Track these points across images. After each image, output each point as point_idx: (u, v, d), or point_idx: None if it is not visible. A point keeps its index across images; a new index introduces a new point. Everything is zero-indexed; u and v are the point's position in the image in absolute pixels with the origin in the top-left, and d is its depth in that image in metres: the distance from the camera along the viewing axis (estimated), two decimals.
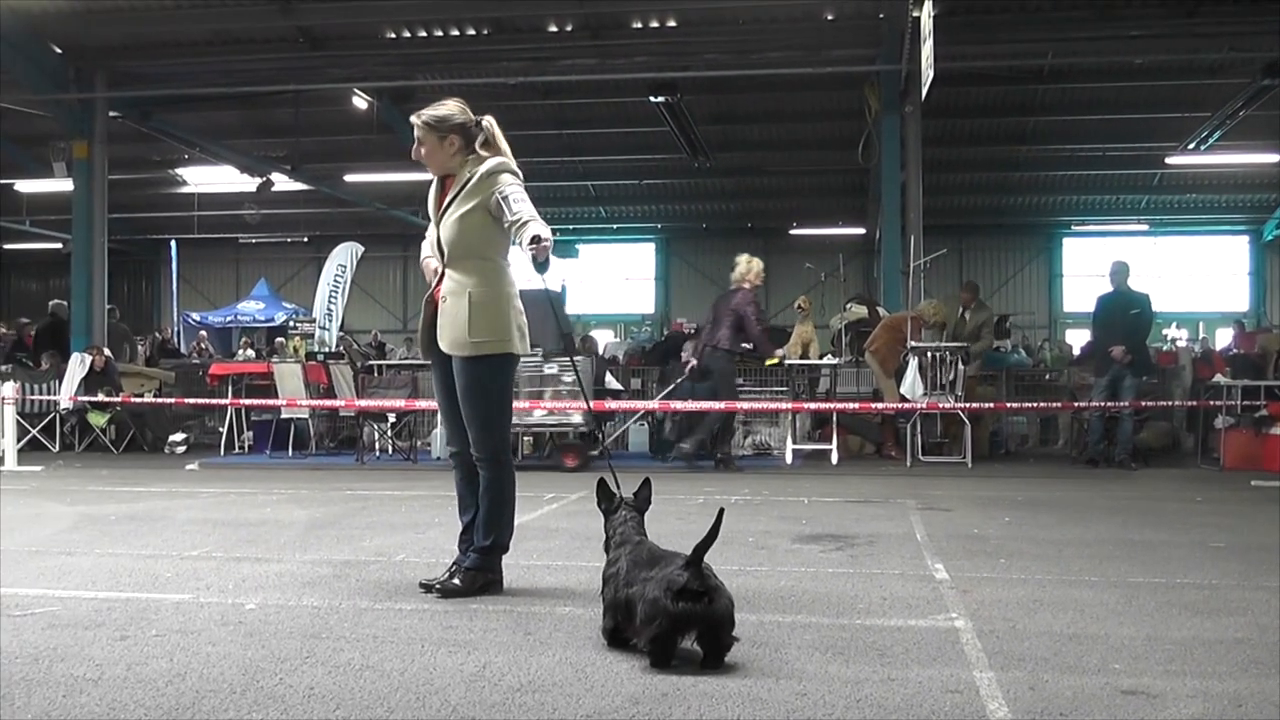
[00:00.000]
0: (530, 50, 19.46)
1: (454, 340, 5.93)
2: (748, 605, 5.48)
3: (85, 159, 20.31)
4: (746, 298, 13.43)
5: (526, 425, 13.67)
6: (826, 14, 18.15)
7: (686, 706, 3.85)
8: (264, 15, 18.51)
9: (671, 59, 19.33)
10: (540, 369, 13.49)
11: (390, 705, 3.89)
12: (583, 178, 30.09)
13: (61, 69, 19.82)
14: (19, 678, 4.29)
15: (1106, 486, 11.72)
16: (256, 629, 5.07)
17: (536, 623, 5.15)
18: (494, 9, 18.29)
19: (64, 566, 6.85)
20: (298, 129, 25.13)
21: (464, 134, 6.03)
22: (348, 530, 8.45)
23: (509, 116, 21.46)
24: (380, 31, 19.28)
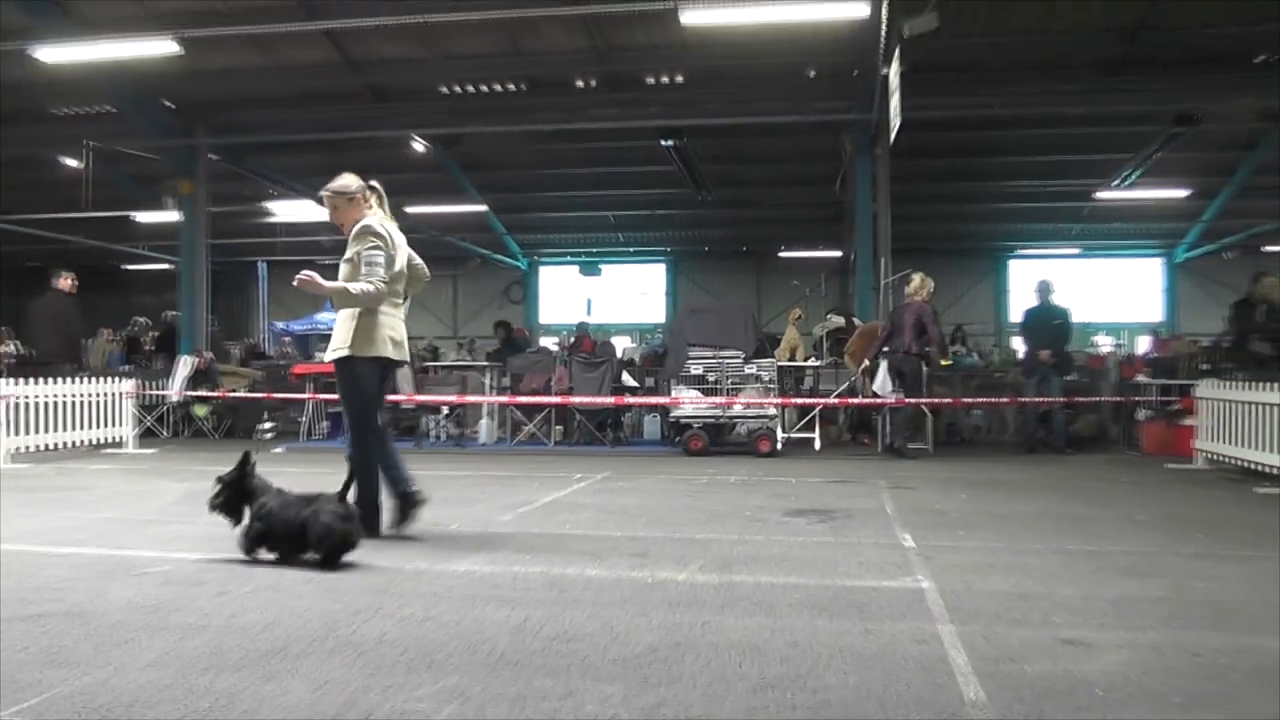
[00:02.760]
0: (560, 102, 19.49)
1: (332, 349, 6.77)
2: (746, 569, 5.50)
3: (190, 195, 20.36)
4: (925, 308, 13.30)
5: (729, 418, 13.63)
6: (809, 71, 18.19)
7: (696, 655, 3.87)
8: (339, 75, 18.57)
9: (679, 109, 19.33)
10: (740, 369, 13.44)
11: (448, 651, 3.91)
12: (604, 208, 30.05)
13: (171, 120, 19.86)
14: (141, 625, 4.34)
15: (1045, 469, 11.66)
16: (333, 586, 5.09)
17: (569, 583, 5.15)
18: (530, 69, 18.34)
19: (174, 533, 6.89)
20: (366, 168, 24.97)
21: (362, 197, 6.96)
22: None
23: (542, 158, 21.82)
24: (435, 88, 19.33)
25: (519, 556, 5.86)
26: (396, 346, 6.82)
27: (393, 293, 6.82)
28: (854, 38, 15.33)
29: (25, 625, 4.33)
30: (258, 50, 17.46)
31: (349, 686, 3.49)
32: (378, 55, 17.94)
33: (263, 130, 20.74)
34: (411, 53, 17.64)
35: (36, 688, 3.49)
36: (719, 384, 13.47)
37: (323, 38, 16.92)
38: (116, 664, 3.77)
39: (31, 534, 6.85)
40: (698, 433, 13.36)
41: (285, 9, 15.82)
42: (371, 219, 6.82)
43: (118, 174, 24.19)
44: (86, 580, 5.29)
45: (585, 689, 3.46)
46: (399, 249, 6.92)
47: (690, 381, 13.57)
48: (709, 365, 13.54)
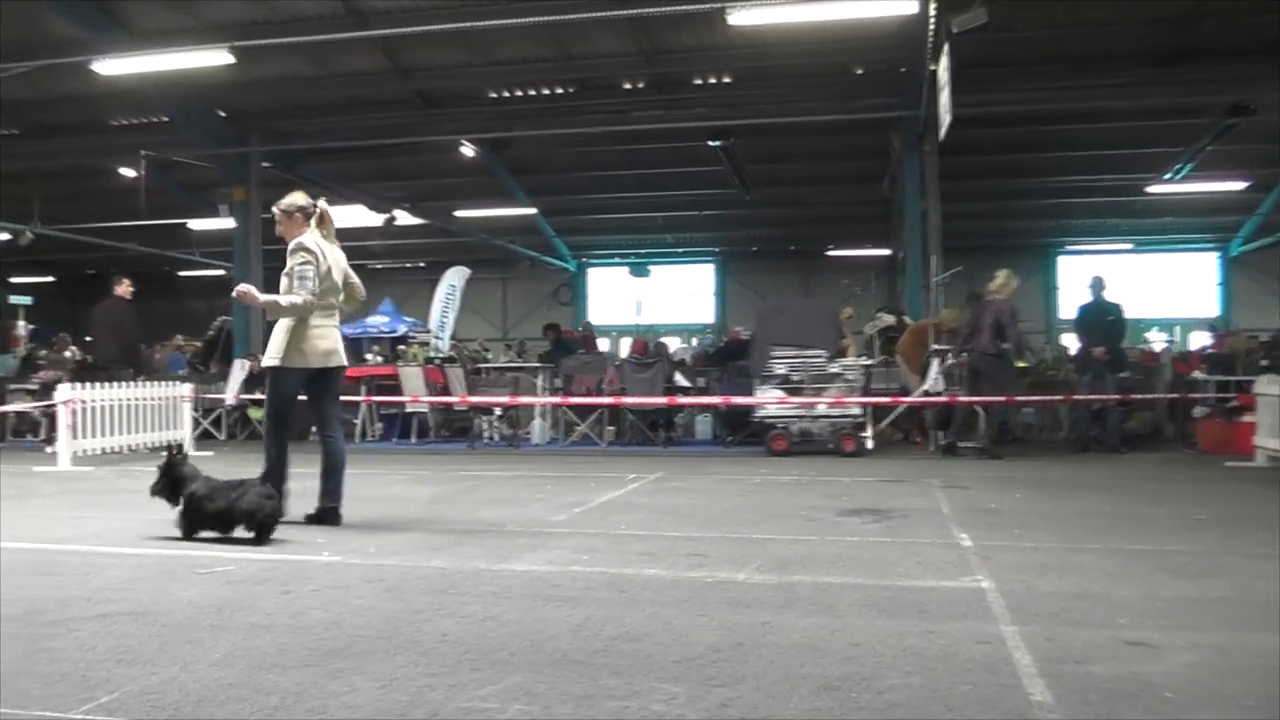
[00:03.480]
0: (608, 105, 19.51)
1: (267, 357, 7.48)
2: (804, 569, 5.45)
3: (244, 201, 20.57)
4: (1005, 307, 13.10)
5: (814, 417, 13.39)
6: (856, 69, 18.11)
7: (759, 655, 3.83)
8: (388, 81, 18.71)
9: (726, 109, 19.29)
10: (824, 368, 13.33)
11: (511, 650, 3.90)
12: (652, 209, 30.01)
13: (224, 129, 20.08)
14: (206, 624, 4.38)
15: (1100, 468, 11.51)
16: (395, 585, 5.10)
17: (628, 583, 5.14)
18: (577, 72, 18.36)
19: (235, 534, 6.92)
20: (415, 173, 25.36)
21: (303, 215, 7.51)
22: (464, 505, 8.51)
23: (590, 160, 21.85)
24: (483, 92, 19.41)
25: (577, 556, 5.85)
26: (327, 355, 7.47)
27: (325, 305, 7.43)
28: (901, 34, 15.22)
29: (93, 625, 4.38)
30: (308, 59, 17.59)
31: (414, 684, 3.49)
32: (427, 62, 18.04)
33: (313, 137, 20.92)
34: (460, 58, 17.72)
35: (107, 686, 3.53)
36: (803, 383, 13.32)
37: (373, 46, 17.03)
38: (183, 662, 3.80)
39: (95, 535, 6.95)
40: (781, 432, 13.20)
41: (336, 18, 15.96)
42: (306, 237, 7.39)
43: (171, 182, 24.50)
44: (150, 580, 5.35)
45: (650, 688, 3.44)
46: (334, 265, 7.49)
47: (773, 381, 13.44)
48: (793, 364, 13.39)
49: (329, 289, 7.43)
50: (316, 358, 7.38)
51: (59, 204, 26.52)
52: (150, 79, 16.40)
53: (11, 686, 3.55)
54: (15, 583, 5.33)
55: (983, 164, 23.71)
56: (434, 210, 27.27)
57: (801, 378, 13.35)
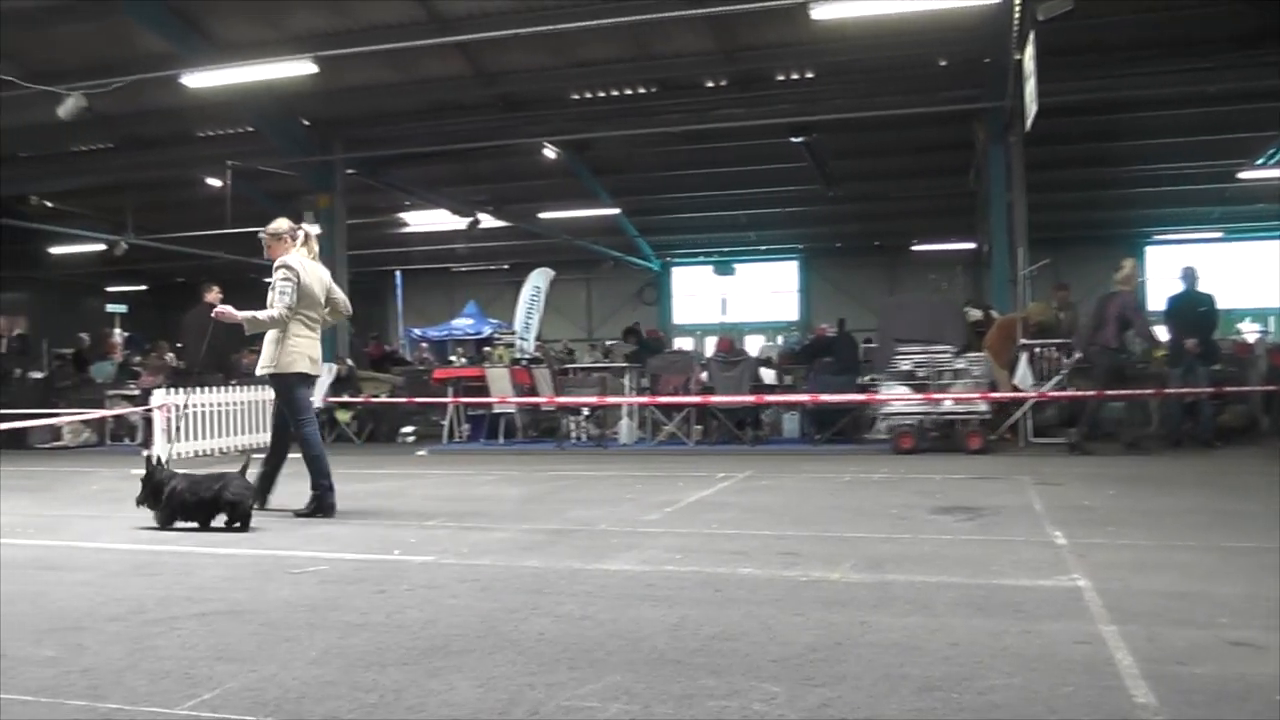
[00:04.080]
0: (689, 104, 19.43)
1: (260, 366, 8.07)
2: (898, 568, 5.37)
3: (328, 208, 20.79)
4: (1131, 299, 12.88)
5: (939, 414, 13.09)
6: (940, 60, 17.84)
7: (857, 655, 3.78)
8: (471, 86, 18.83)
9: (808, 105, 19.10)
10: (950, 364, 13.12)
11: (608, 649, 3.89)
12: (735, 208, 29.90)
13: (308, 137, 20.35)
14: (303, 622, 4.42)
15: (1193, 463, 11.21)
16: (489, 585, 5.12)
17: (721, 582, 5.09)
18: (659, 71, 18.33)
19: (327, 534, 7.04)
20: (498, 176, 25.54)
21: (290, 237, 8.16)
22: (554, 505, 8.51)
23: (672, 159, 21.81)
24: (566, 94, 19.44)
25: (670, 556, 5.82)
26: (312, 363, 8.11)
27: (308, 319, 8.08)
28: (985, 23, 14.97)
29: (193, 623, 4.45)
30: (390, 66, 17.74)
31: (512, 683, 3.48)
32: (509, 65, 18.10)
33: (396, 143, 21.12)
34: (542, 61, 17.76)
35: (209, 683, 3.58)
36: (929, 379, 13.09)
37: (455, 51, 17.13)
38: (281, 660, 3.84)
39: (190, 536, 7.07)
40: (907, 430, 12.98)
41: (417, 25, 16.09)
42: (290, 257, 8.05)
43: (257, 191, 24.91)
44: (245, 579, 5.44)
45: (749, 688, 3.40)
46: (315, 282, 8.13)
47: (898, 377, 13.24)
48: (918, 361, 13.18)
49: (310, 303, 8.08)
50: (305, 364, 8.05)
51: (150, 214, 27.17)
52: (236, 90, 16.65)
53: (119, 683, 3.62)
54: (119, 582, 5.47)
55: (1068, 153, 23.29)
56: (517, 213, 27.45)
57: (927, 374, 13.09)
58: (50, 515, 8.17)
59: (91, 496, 9.30)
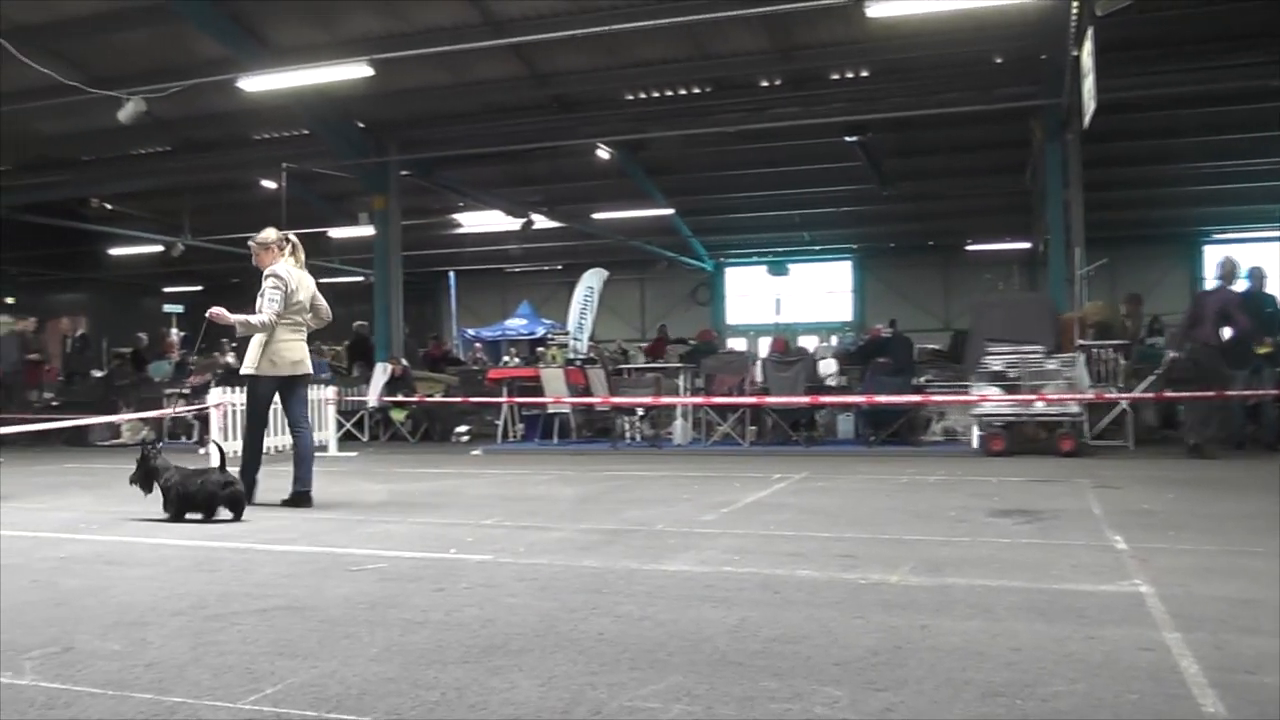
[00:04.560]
0: (744, 103, 19.42)
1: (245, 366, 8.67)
2: (957, 571, 5.31)
3: (383, 209, 20.98)
4: (1233, 296, 12.68)
5: (1031, 415, 12.83)
6: (995, 57, 17.68)
7: (918, 659, 3.73)
8: (524, 87, 18.92)
9: (863, 104, 19.04)
10: (1041, 364, 12.90)
11: (669, 650, 3.86)
12: (789, 207, 29.88)
13: (362, 139, 20.52)
14: (363, 619, 4.44)
15: (1257, 467, 10.96)
16: (547, 584, 5.11)
17: (780, 583, 5.05)
18: (714, 71, 18.32)
19: (384, 532, 7.08)
20: (552, 177, 25.65)
21: (278, 246, 8.72)
22: (610, 504, 8.50)
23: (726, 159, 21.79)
24: (620, 94, 19.49)
25: (728, 557, 5.78)
26: (295, 364, 8.62)
27: (293, 322, 8.58)
28: (1042, 19, 14.82)
29: (253, 619, 4.49)
30: (445, 68, 17.86)
31: (574, 683, 3.47)
32: (563, 66, 18.18)
33: (450, 144, 21.27)
34: (596, 62, 17.82)
35: (270, 678, 3.60)
36: (1020, 380, 12.86)
37: (509, 53, 17.22)
38: (342, 657, 3.86)
39: (248, 533, 7.14)
40: (998, 432, 12.77)
41: (472, 27, 16.19)
42: (279, 265, 8.59)
43: (311, 192, 25.18)
44: (304, 576, 5.47)
45: (811, 691, 3.36)
46: (301, 289, 8.64)
47: (989, 378, 13.04)
48: (1009, 361, 12.96)
49: (297, 309, 8.61)
50: (286, 367, 8.56)
51: (206, 216, 27.60)
52: (291, 94, 16.86)
53: (182, 677, 3.66)
54: (180, 578, 5.52)
55: (1126, 151, 23.02)
56: (571, 213, 27.57)
57: (1018, 374, 12.87)
58: (111, 511, 8.29)
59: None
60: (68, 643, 4.15)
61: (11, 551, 6.50)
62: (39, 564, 6.06)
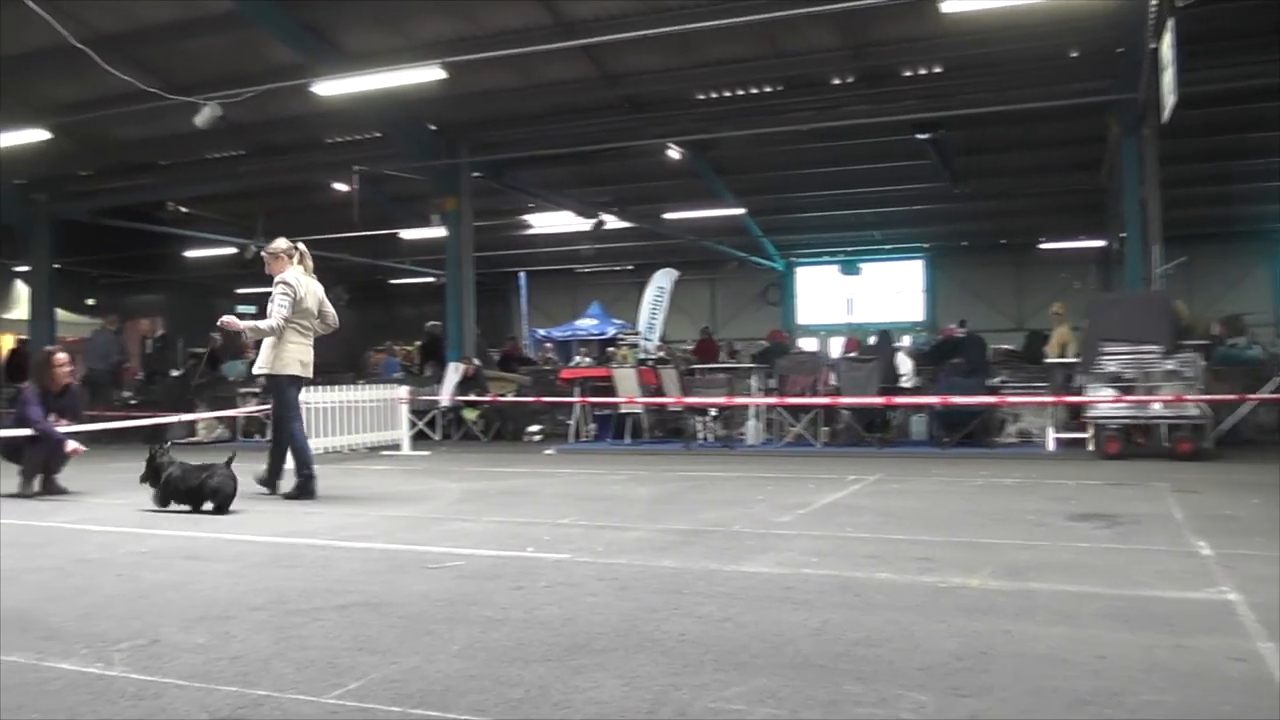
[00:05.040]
0: (815, 101, 19.24)
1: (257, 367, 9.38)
2: (1038, 576, 5.23)
3: (454, 210, 21.08)
4: None
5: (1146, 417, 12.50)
6: (1071, 51, 17.34)
7: (1003, 666, 3.69)
8: (595, 88, 18.90)
9: (935, 101, 18.75)
10: (1160, 364, 12.49)
11: (751, 652, 3.86)
12: (860, 206, 29.64)
13: (433, 142, 20.64)
14: (442, 616, 4.49)
15: None
16: (627, 584, 5.13)
17: (860, 586, 5.03)
18: (785, 69, 18.17)
19: (461, 530, 7.15)
20: (622, 178, 25.66)
21: (287, 255, 9.30)
22: (685, 505, 8.49)
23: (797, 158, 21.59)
24: (690, 94, 19.41)
25: (806, 559, 5.76)
26: (304, 366, 9.23)
27: (302, 327, 9.19)
28: (1119, 11, 14.53)
29: (334, 615, 4.56)
30: (515, 70, 17.90)
31: (657, 683, 3.48)
32: (634, 67, 18.14)
33: (521, 145, 21.31)
34: (667, 62, 17.76)
35: (353, 673, 3.66)
36: (1136, 381, 12.49)
37: (580, 54, 17.21)
38: (424, 653, 3.90)
39: (326, 529, 7.25)
40: (1114, 434, 12.48)
41: (543, 29, 16.21)
42: (289, 273, 9.17)
43: (382, 194, 25.42)
44: (382, 574, 5.54)
45: (896, 696, 3.34)
46: (310, 295, 9.21)
47: (1104, 379, 12.70)
48: (1126, 361, 12.59)
49: (305, 314, 9.21)
50: (296, 367, 9.16)
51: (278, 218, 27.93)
52: (363, 98, 16.99)
53: (266, 670, 3.73)
54: (259, 573, 5.63)
55: (1206, 146, 22.46)
56: (641, 213, 27.57)
57: (1135, 375, 12.51)
58: (230, 510, 8.40)
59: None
60: (154, 635, 4.25)
61: (97, 546, 6.69)
62: (123, 558, 6.21)
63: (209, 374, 20.60)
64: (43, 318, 24.40)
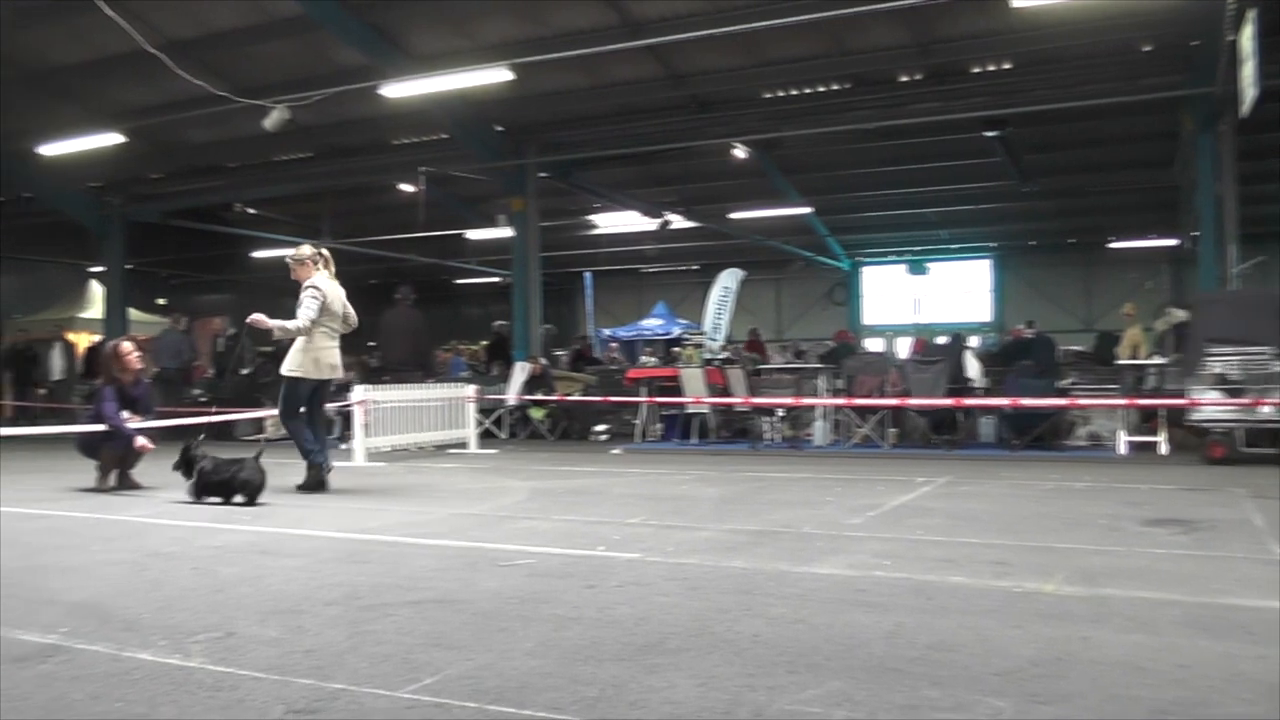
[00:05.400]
0: (882, 99, 19.10)
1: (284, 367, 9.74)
2: (1113, 582, 5.13)
3: (521, 211, 21.20)
4: None
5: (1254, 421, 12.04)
6: (1144, 45, 17.05)
7: (1081, 673, 3.62)
8: (661, 88, 18.90)
9: (1004, 97, 18.52)
10: (1267, 366, 12.14)
11: (825, 654, 3.83)
12: (927, 205, 29.46)
13: (500, 143, 20.75)
14: (514, 614, 4.51)
15: None
16: (698, 584, 5.11)
17: (933, 590, 4.97)
18: (852, 66, 18.05)
19: (530, 528, 7.17)
20: (687, 177, 25.64)
21: (312, 261, 9.85)
22: (753, 506, 8.45)
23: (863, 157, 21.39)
24: (757, 93, 19.36)
25: (878, 561, 5.70)
26: (331, 369, 9.70)
27: (329, 329, 9.66)
28: (1194, 4, 14.27)
29: (407, 610, 4.59)
30: (582, 70, 17.98)
31: (732, 684, 3.46)
32: (701, 67, 18.13)
33: (587, 146, 21.40)
34: (733, 61, 17.73)
35: (428, 668, 3.68)
36: (1244, 383, 12.10)
37: (647, 54, 17.25)
38: (498, 650, 3.92)
39: (396, 526, 7.30)
40: (1220, 438, 12.09)
41: (610, 29, 16.26)
42: (317, 278, 9.69)
43: (448, 195, 25.61)
44: (454, 570, 5.57)
45: (974, 701, 3.30)
46: (335, 299, 9.70)
47: (1209, 381, 12.31)
48: (1232, 363, 12.21)
49: (333, 317, 9.68)
50: (325, 370, 9.65)
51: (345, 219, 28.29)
52: (430, 99, 17.15)
53: (341, 664, 3.77)
54: (330, 568, 5.69)
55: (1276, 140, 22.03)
56: (706, 213, 27.55)
57: (1242, 377, 12.13)
58: (259, 503, 8.57)
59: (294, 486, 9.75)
60: (229, 628, 4.31)
61: (170, 540, 6.80)
62: (197, 552, 6.32)
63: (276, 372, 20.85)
64: (116, 317, 25.03)
